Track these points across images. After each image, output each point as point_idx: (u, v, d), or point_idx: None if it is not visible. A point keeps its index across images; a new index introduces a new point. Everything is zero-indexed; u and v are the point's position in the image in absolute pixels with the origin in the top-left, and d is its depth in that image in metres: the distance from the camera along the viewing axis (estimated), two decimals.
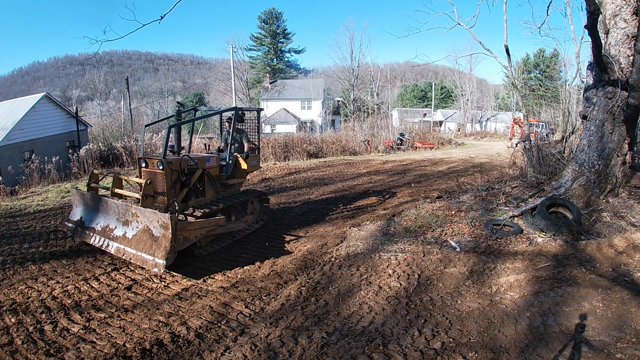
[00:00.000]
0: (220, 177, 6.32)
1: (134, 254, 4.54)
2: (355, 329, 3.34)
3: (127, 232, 4.76)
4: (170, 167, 5.23)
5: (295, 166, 16.83)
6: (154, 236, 4.45)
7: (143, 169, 5.44)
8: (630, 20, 5.27)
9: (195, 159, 5.75)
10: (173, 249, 4.29)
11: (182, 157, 5.51)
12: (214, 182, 6.15)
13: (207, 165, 6.01)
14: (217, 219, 5.21)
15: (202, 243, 5.50)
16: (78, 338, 3.36)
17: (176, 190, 5.28)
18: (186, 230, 4.61)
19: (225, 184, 6.41)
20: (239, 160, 6.77)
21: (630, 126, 5.50)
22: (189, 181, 5.52)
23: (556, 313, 3.28)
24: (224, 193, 6.46)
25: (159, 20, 4.93)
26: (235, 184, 6.76)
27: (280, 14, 60.48)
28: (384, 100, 47.37)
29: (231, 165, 6.55)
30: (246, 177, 7.08)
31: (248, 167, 6.80)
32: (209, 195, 6.05)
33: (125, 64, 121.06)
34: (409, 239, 5.43)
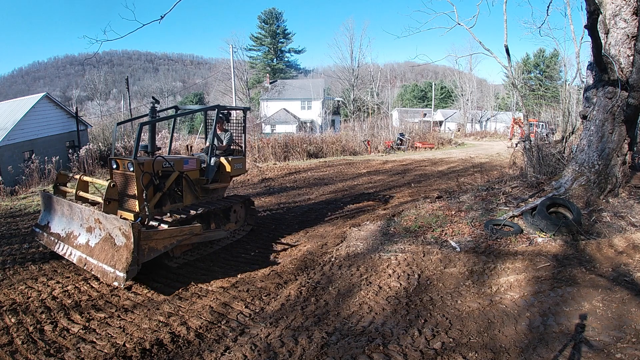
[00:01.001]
0: (200, 181, 5.87)
1: (95, 264, 4.15)
2: (355, 329, 3.34)
3: (90, 239, 4.38)
4: (142, 168, 4.81)
5: (295, 166, 16.83)
6: (116, 245, 4.07)
7: (114, 171, 5.08)
8: (630, 20, 5.27)
9: (172, 161, 5.33)
10: (135, 261, 3.89)
11: (156, 158, 5.10)
12: (193, 186, 5.72)
13: (186, 168, 5.59)
14: (191, 226, 4.70)
15: (176, 253, 5.03)
16: (78, 338, 3.36)
17: (148, 194, 4.83)
18: (152, 240, 4.15)
19: (206, 188, 5.94)
20: (223, 163, 6.33)
21: (630, 126, 5.50)
22: (163, 185, 5.11)
23: (556, 313, 3.28)
24: (205, 198, 6.02)
25: (159, 20, 4.93)
26: (218, 189, 6.33)
27: (280, 14, 60.56)
28: (384, 100, 47.35)
29: (213, 168, 6.08)
30: (230, 181, 6.65)
31: (232, 170, 6.35)
32: (188, 200, 5.64)
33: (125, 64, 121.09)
34: (409, 239, 5.43)
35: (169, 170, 5.28)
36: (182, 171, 5.49)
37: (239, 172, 6.70)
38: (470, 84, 52.21)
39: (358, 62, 44.82)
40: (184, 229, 4.59)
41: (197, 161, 5.84)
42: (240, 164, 6.63)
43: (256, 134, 23.30)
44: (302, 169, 15.83)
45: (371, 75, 46.79)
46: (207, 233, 5.31)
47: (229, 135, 6.72)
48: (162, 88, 62.48)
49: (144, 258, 4.06)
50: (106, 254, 4.12)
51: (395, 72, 75.88)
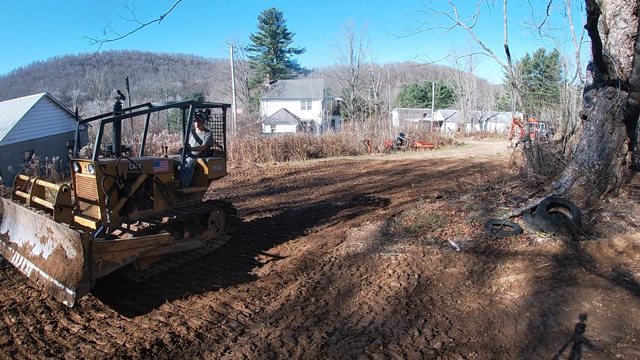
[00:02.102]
0: (173, 185, 5.36)
1: (46, 279, 3.69)
2: (355, 329, 3.34)
3: (43, 251, 3.91)
4: (103, 171, 4.34)
5: (295, 166, 16.82)
6: (67, 259, 3.60)
7: (76, 174, 4.59)
8: (630, 20, 5.27)
9: (139, 162, 4.85)
10: (87, 277, 3.41)
11: (120, 159, 4.56)
12: (165, 190, 5.20)
13: (156, 170, 5.09)
14: (157, 236, 4.19)
15: (142, 265, 4.52)
16: (78, 338, 3.36)
17: (111, 199, 4.38)
18: (107, 252, 3.64)
19: (180, 192, 5.42)
20: (200, 164, 5.82)
21: (630, 126, 5.50)
22: (128, 189, 4.61)
23: (556, 313, 3.28)
24: (180, 204, 5.50)
25: (159, 20, 4.93)
26: (194, 193, 5.80)
27: (280, 14, 60.53)
28: (384, 100, 47.36)
29: (189, 171, 5.61)
30: (209, 184, 6.13)
31: (210, 172, 5.84)
32: (159, 206, 5.12)
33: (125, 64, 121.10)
34: (409, 239, 5.43)
35: (135, 173, 4.78)
36: (151, 174, 4.99)
37: (218, 174, 6.15)
38: (470, 84, 52.22)
39: (358, 62, 44.85)
40: (148, 239, 4.07)
41: (169, 163, 5.34)
42: (219, 165, 6.11)
43: (256, 134, 23.30)
44: (302, 169, 15.83)
45: (371, 75, 46.79)
46: (178, 243, 4.77)
47: (209, 135, 6.24)
48: (162, 88, 62.47)
49: (97, 273, 3.55)
50: (57, 267, 3.64)
51: (395, 72, 75.91)
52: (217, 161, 6.09)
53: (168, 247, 4.50)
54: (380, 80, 49.51)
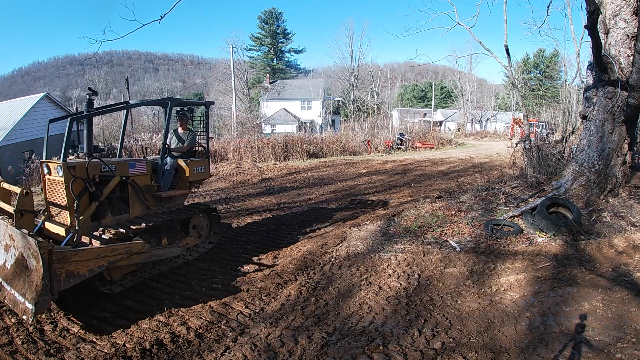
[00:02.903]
0: (151, 188, 5.05)
1: (8, 291, 3.41)
2: (355, 329, 3.34)
3: (7, 260, 3.61)
4: (73, 173, 4.05)
5: (295, 166, 16.83)
6: (28, 269, 3.33)
7: (46, 177, 4.31)
8: (630, 20, 5.26)
9: (112, 164, 4.55)
10: (47, 289, 3.11)
11: (90, 160, 4.24)
12: (142, 194, 4.90)
13: (132, 172, 4.79)
14: (128, 244, 3.87)
15: (115, 276, 4.19)
16: (78, 338, 3.36)
17: (81, 204, 4.08)
18: (71, 262, 3.33)
19: (158, 196, 5.10)
20: (181, 166, 5.49)
21: (630, 126, 5.50)
22: (100, 192, 4.31)
23: (556, 313, 3.28)
24: (159, 208, 5.17)
25: (159, 20, 4.93)
26: (175, 197, 5.47)
27: (280, 14, 60.56)
28: (384, 100, 47.37)
29: (169, 172, 5.30)
30: (191, 187, 5.79)
31: (191, 174, 5.52)
32: (136, 210, 4.82)
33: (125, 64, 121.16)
34: (409, 239, 5.43)
35: (108, 175, 4.46)
36: (126, 176, 4.70)
37: (200, 176, 5.81)
38: (470, 84, 52.23)
39: (358, 62, 44.89)
40: (118, 247, 3.76)
41: (147, 164, 5.03)
42: (202, 167, 5.78)
43: (256, 134, 23.31)
44: (302, 169, 15.83)
45: (371, 75, 46.80)
46: (153, 251, 4.38)
47: (193, 135, 5.95)
48: (162, 88, 62.47)
49: (60, 285, 3.25)
50: (19, 279, 3.38)
51: (395, 72, 75.92)
52: (200, 162, 5.76)
53: (142, 255, 4.11)
54: (380, 80, 49.53)
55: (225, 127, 29.16)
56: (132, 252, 3.91)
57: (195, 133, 6.08)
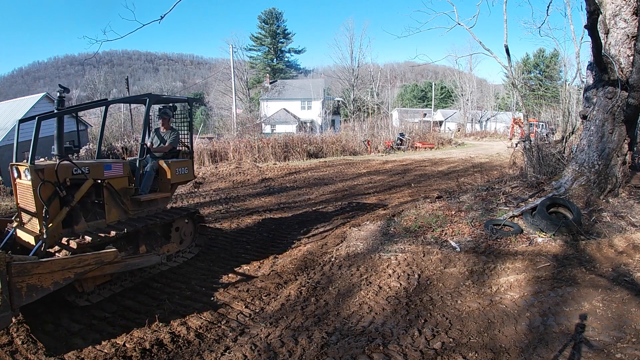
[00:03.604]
0: (129, 191, 4.74)
1: None
2: (355, 329, 3.34)
3: None
4: (41, 176, 3.74)
5: (295, 166, 16.83)
6: None
7: (16, 181, 4.03)
8: (630, 20, 5.26)
9: (85, 166, 4.23)
10: (6, 305, 2.92)
11: (60, 162, 3.93)
12: (119, 198, 4.59)
13: (107, 175, 4.46)
14: (99, 253, 3.61)
15: (87, 287, 3.88)
16: (78, 338, 3.36)
17: (51, 209, 3.78)
18: (32, 275, 3.11)
19: (136, 200, 4.78)
20: (162, 167, 5.20)
21: (630, 126, 5.50)
22: (71, 197, 3.99)
23: (556, 313, 3.28)
24: (138, 213, 4.87)
25: (159, 20, 4.93)
26: (156, 200, 5.15)
27: (280, 14, 60.58)
28: (384, 100, 47.37)
29: (149, 175, 5.02)
30: (173, 190, 5.50)
31: (173, 176, 5.21)
32: (112, 216, 4.52)
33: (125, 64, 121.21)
34: (409, 239, 5.43)
35: (81, 178, 4.16)
36: (101, 179, 4.39)
37: (183, 178, 5.51)
38: (470, 84, 52.25)
39: (358, 62, 44.87)
40: (86, 257, 3.49)
41: (124, 166, 4.70)
42: (184, 168, 5.46)
43: (256, 134, 23.32)
44: (302, 169, 15.83)
45: (371, 75, 46.79)
46: (128, 260, 4.09)
47: (176, 135, 5.64)
48: (162, 88, 62.50)
49: (21, 300, 3.02)
50: None
51: (395, 72, 75.94)
52: (182, 163, 5.44)
53: (116, 265, 3.85)
54: (380, 80, 49.52)
55: (225, 127, 29.16)
56: (104, 262, 3.63)
57: (178, 132, 5.78)
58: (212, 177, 14.00)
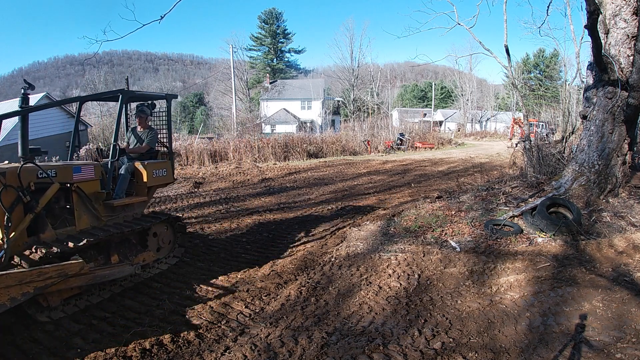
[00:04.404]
0: (101, 196, 4.36)
1: None
2: (355, 329, 3.34)
3: None
4: (3, 181, 3.44)
5: (295, 166, 16.83)
6: None
7: None
8: (630, 20, 5.26)
9: (52, 168, 3.88)
10: None
11: (22, 165, 3.63)
12: (91, 203, 4.23)
13: (77, 178, 4.09)
14: (62, 265, 3.29)
15: (53, 301, 3.56)
16: (78, 338, 3.36)
17: (14, 217, 3.48)
18: None
19: (109, 205, 4.41)
20: (138, 169, 4.85)
21: (630, 126, 5.50)
22: (36, 203, 3.65)
23: (556, 313, 3.28)
24: (112, 219, 4.50)
25: (159, 20, 4.93)
26: (131, 205, 4.79)
27: (280, 14, 60.60)
28: (384, 100, 47.39)
29: (124, 178, 4.68)
30: (150, 194, 5.13)
31: (150, 179, 4.86)
32: (83, 222, 4.16)
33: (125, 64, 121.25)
34: (409, 239, 5.43)
35: (47, 182, 3.81)
36: (69, 182, 4.04)
37: (161, 181, 5.13)
38: (470, 84, 52.27)
39: (358, 62, 44.88)
40: (47, 270, 3.17)
41: (95, 168, 4.33)
42: (162, 170, 5.08)
43: (256, 134, 23.32)
44: (302, 169, 15.84)
45: (371, 75, 46.80)
46: (97, 272, 3.75)
47: (153, 134, 5.30)
48: (162, 88, 62.48)
49: None
50: None
51: (395, 72, 75.97)
52: (160, 165, 5.09)
53: (83, 277, 3.54)
54: (380, 80, 49.54)
55: (225, 127, 29.17)
56: (68, 275, 3.31)
57: (157, 132, 5.44)
58: (212, 177, 14.01)
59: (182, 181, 13.01)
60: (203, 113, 54.06)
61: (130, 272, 4.18)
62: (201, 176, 14.09)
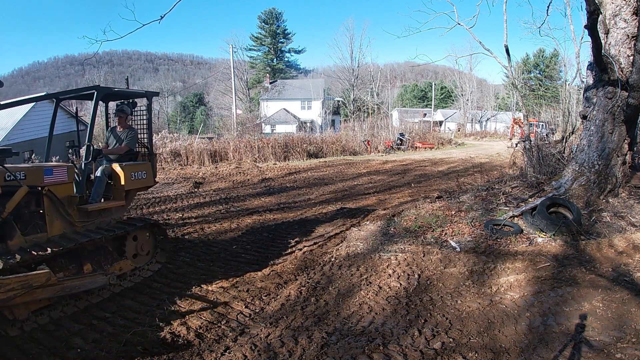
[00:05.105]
0: (74, 200, 4.08)
1: None
2: (355, 329, 3.35)
3: None
4: None
5: (295, 166, 16.83)
6: None
7: None
8: (630, 20, 5.26)
9: (22, 171, 3.62)
10: None
11: None
12: (63, 207, 3.95)
13: (48, 181, 3.81)
14: (25, 277, 3.04)
15: (19, 314, 3.35)
16: (79, 337, 3.35)
17: None
18: None
19: (83, 210, 4.12)
20: (115, 172, 4.56)
21: (630, 126, 5.50)
22: (2, 207, 3.47)
23: (556, 313, 3.28)
24: (87, 225, 4.21)
25: (159, 20, 4.93)
26: (109, 210, 4.47)
27: (280, 14, 60.61)
28: (384, 100, 47.39)
29: (100, 181, 4.41)
30: (129, 198, 4.83)
31: (128, 182, 4.54)
32: (55, 229, 3.87)
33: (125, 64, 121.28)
34: (409, 239, 5.43)
35: (15, 185, 3.56)
36: (40, 186, 3.76)
37: (140, 184, 4.81)
38: (470, 84, 52.27)
39: (358, 62, 44.86)
40: (9, 281, 2.95)
41: (69, 170, 4.05)
42: (142, 172, 4.76)
43: (256, 134, 23.33)
44: (302, 169, 15.84)
45: (371, 75, 46.80)
46: (67, 282, 3.50)
47: (133, 134, 5.03)
48: (162, 88, 62.44)
49: None
50: None
51: (395, 72, 76.00)
52: (139, 167, 4.77)
53: (51, 289, 3.29)
54: (380, 80, 49.54)
55: (225, 127, 29.18)
56: (33, 286, 3.08)
57: (137, 132, 5.17)
58: (212, 177, 14.00)
59: (182, 181, 13.01)
60: (203, 113, 54.03)
61: (104, 283, 3.91)
62: (201, 176, 14.09)
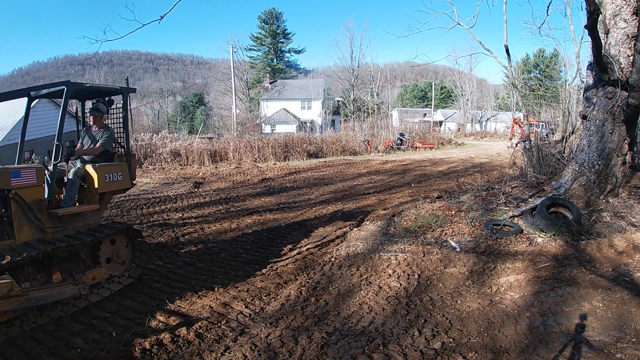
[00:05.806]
0: (43, 204, 3.79)
1: None
2: (355, 329, 3.35)
3: None
4: None
5: (295, 166, 16.83)
6: None
7: None
8: (630, 20, 5.27)
9: None
10: None
11: None
12: (32, 212, 3.69)
13: (15, 184, 3.55)
14: None
15: None
16: (79, 338, 3.35)
17: None
18: None
19: (54, 214, 3.82)
20: (88, 173, 4.22)
21: (630, 126, 5.50)
22: None
23: (556, 313, 3.29)
24: (59, 230, 3.94)
25: (159, 20, 4.94)
26: (83, 214, 4.19)
27: (280, 14, 60.62)
28: (384, 100, 47.41)
29: (73, 183, 4.08)
30: (104, 201, 4.49)
31: (101, 184, 4.20)
32: (24, 234, 3.62)
33: (125, 64, 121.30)
34: (409, 239, 5.43)
35: None
36: (6, 189, 3.51)
37: (115, 186, 4.44)
38: (470, 84, 52.28)
39: (358, 62, 44.87)
40: None
41: (38, 172, 3.78)
42: (117, 173, 4.42)
43: (256, 134, 23.33)
44: (302, 169, 15.84)
45: (371, 75, 46.81)
46: (32, 293, 3.27)
47: (109, 133, 4.69)
48: (162, 88, 62.46)
49: None
50: None
51: (395, 72, 76.02)
52: (114, 168, 4.42)
53: (14, 300, 3.06)
54: (380, 80, 49.56)
55: (225, 127, 29.19)
56: None
57: (113, 131, 4.87)
58: (212, 177, 14.01)
59: (182, 181, 13.01)
60: (203, 113, 54.04)
61: (74, 293, 3.64)
62: (201, 176, 14.08)
